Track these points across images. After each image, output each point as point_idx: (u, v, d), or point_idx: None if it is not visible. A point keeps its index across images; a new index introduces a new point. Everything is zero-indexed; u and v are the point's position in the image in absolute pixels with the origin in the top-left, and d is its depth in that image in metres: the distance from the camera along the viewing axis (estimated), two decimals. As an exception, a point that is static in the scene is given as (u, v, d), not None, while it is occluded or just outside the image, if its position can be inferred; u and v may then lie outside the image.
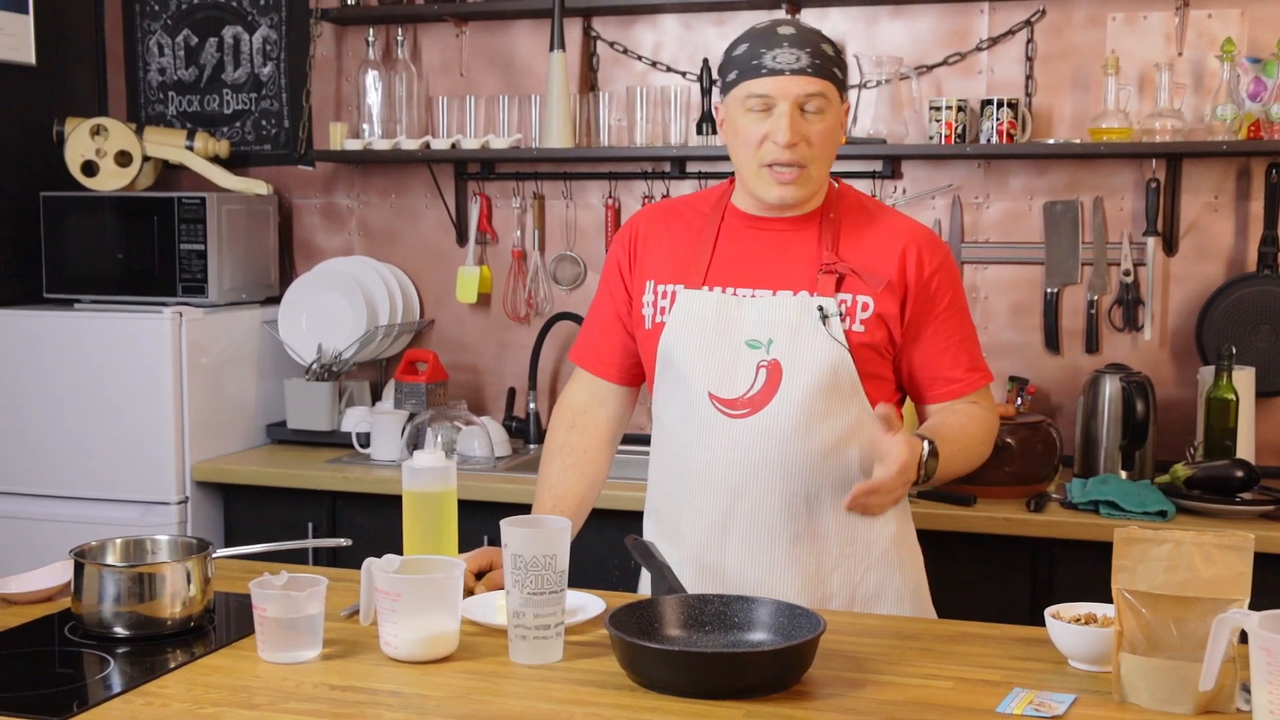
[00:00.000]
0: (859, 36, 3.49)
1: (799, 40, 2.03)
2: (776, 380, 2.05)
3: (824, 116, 2.04)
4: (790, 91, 2.01)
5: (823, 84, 2.03)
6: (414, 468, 2.05)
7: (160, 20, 4.05)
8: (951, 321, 2.11)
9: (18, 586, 2.09)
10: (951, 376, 2.12)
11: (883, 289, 2.05)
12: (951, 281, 2.12)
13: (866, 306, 2.06)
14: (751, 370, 2.06)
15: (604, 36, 3.69)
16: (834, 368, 2.04)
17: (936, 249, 2.12)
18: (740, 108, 2.05)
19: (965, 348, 2.13)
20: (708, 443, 2.08)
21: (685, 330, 2.10)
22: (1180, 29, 3.27)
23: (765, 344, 2.05)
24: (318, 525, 3.33)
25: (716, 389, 2.07)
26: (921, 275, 2.08)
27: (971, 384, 2.13)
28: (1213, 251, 3.31)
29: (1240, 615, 1.56)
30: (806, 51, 2.02)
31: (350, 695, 1.67)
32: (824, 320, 2.04)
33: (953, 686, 1.70)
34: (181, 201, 3.62)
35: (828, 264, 2.07)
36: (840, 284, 2.06)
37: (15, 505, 3.52)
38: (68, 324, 3.50)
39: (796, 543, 2.07)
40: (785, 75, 2.01)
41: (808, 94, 2.01)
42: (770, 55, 2.01)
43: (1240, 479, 2.88)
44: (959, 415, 2.11)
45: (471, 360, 3.88)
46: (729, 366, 2.07)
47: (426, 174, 3.84)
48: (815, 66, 2.02)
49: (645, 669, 1.68)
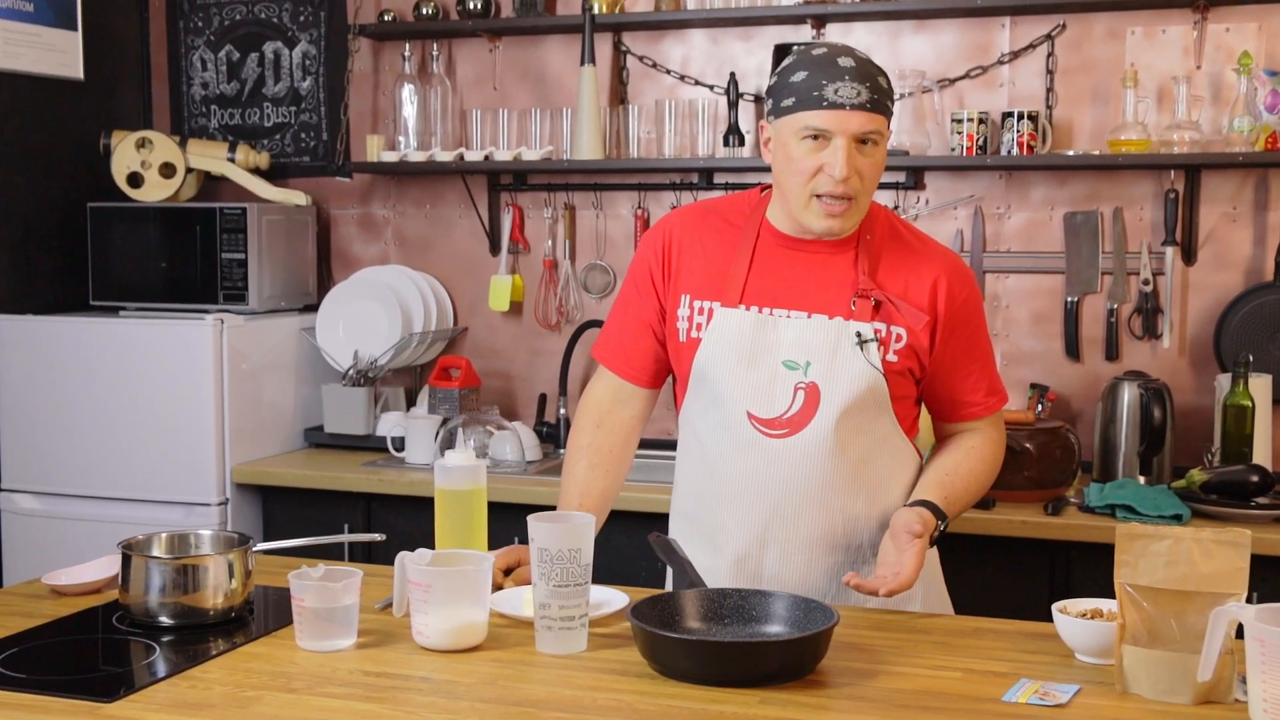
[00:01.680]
0: (883, 50, 3.55)
1: (859, 75, 2.01)
2: (815, 402, 2.09)
3: (877, 149, 2.04)
4: (849, 127, 2.00)
5: (880, 120, 2.03)
6: (446, 466, 2.14)
7: (204, 36, 4.16)
8: (975, 349, 2.18)
9: (67, 579, 2.18)
10: (970, 401, 2.20)
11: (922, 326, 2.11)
12: (977, 310, 2.19)
13: (900, 338, 2.10)
14: (789, 391, 2.10)
15: (633, 51, 3.77)
16: (871, 391, 2.09)
17: (966, 280, 2.16)
18: (794, 136, 2.03)
19: (985, 373, 2.20)
20: (746, 459, 2.12)
21: (722, 348, 2.13)
22: (1198, 42, 3.32)
23: (803, 366, 2.09)
24: (353, 526, 3.38)
25: (755, 409, 2.11)
26: (952, 306, 2.12)
27: (989, 408, 2.21)
28: (1231, 261, 3.35)
29: (1237, 608, 1.61)
30: (866, 86, 2.01)
31: (384, 681, 1.75)
32: (862, 346, 2.08)
33: (961, 677, 1.76)
34: (223, 212, 3.70)
35: (864, 289, 2.10)
36: (877, 310, 2.10)
37: (63, 506, 3.61)
38: (113, 331, 3.59)
39: (831, 553, 2.14)
40: (845, 110, 2.00)
41: (866, 130, 2.01)
42: (832, 88, 2.00)
43: (1255, 484, 2.91)
44: (970, 458, 2.19)
45: (503, 367, 3.96)
46: (766, 387, 2.11)
47: (460, 185, 3.93)
48: (874, 102, 2.01)
49: (665, 658, 1.75)
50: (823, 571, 2.14)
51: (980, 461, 2.20)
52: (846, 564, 2.14)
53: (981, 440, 2.22)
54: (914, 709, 1.65)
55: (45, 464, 3.62)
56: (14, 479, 3.66)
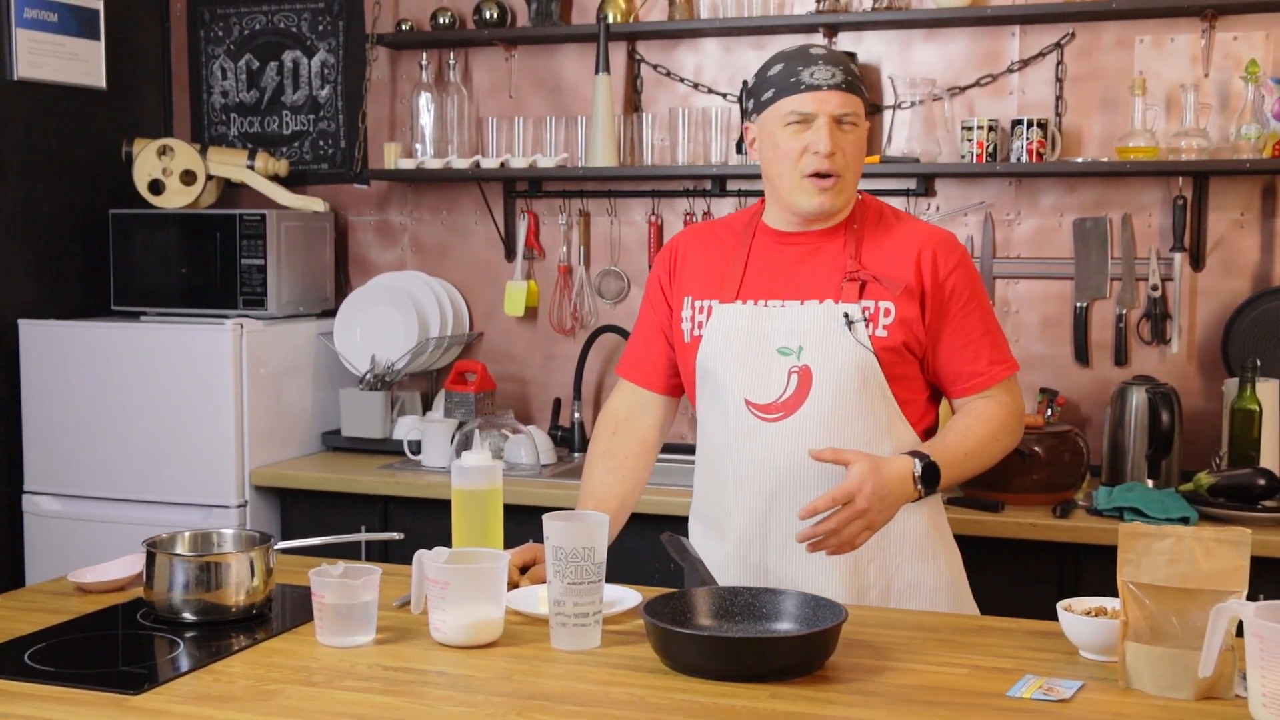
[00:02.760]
0: (894, 59, 3.59)
1: (831, 59, 2.16)
2: (807, 385, 2.15)
3: (856, 129, 2.17)
4: (829, 106, 2.13)
5: (855, 100, 2.16)
6: (462, 467, 2.18)
7: (224, 45, 4.22)
8: (970, 318, 2.19)
9: (93, 577, 2.22)
10: (973, 371, 2.19)
11: (901, 293, 2.14)
12: (969, 280, 2.20)
13: (889, 312, 2.15)
14: (784, 376, 2.16)
15: (647, 60, 3.81)
16: (861, 370, 2.13)
17: (952, 250, 2.20)
18: (779, 124, 2.15)
19: (986, 341, 2.20)
20: (746, 446, 2.18)
21: (720, 342, 2.21)
22: (1206, 51, 3.35)
23: (796, 350, 2.15)
24: (370, 528, 3.41)
25: (751, 395, 2.18)
26: (938, 276, 2.17)
27: (993, 377, 2.19)
28: (1238, 267, 3.38)
29: (1238, 605, 1.64)
30: (840, 69, 2.15)
31: (402, 675, 1.79)
32: (849, 326, 2.14)
33: (967, 673, 1.79)
34: (243, 218, 3.75)
35: (851, 272, 2.17)
36: (863, 290, 2.16)
37: (84, 508, 3.65)
38: (134, 335, 3.64)
39: None
40: (823, 90, 2.13)
41: (844, 110, 2.14)
42: (807, 72, 2.14)
43: (1263, 487, 2.94)
44: (968, 417, 2.18)
45: (519, 371, 4.00)
46: (762, 373, 2.17)
47: (476, 192, 3.97)
48: (848, 84, 2.15)
49: (677, 653, 1.79)
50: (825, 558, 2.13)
51: (980, 420, 2.16)
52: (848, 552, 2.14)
53: (986, 403, 2.19)
54: (920, 704, 1.68)
55: (67, 466, 3.67)
56: (36, 481, 3.71)
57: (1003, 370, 2.21)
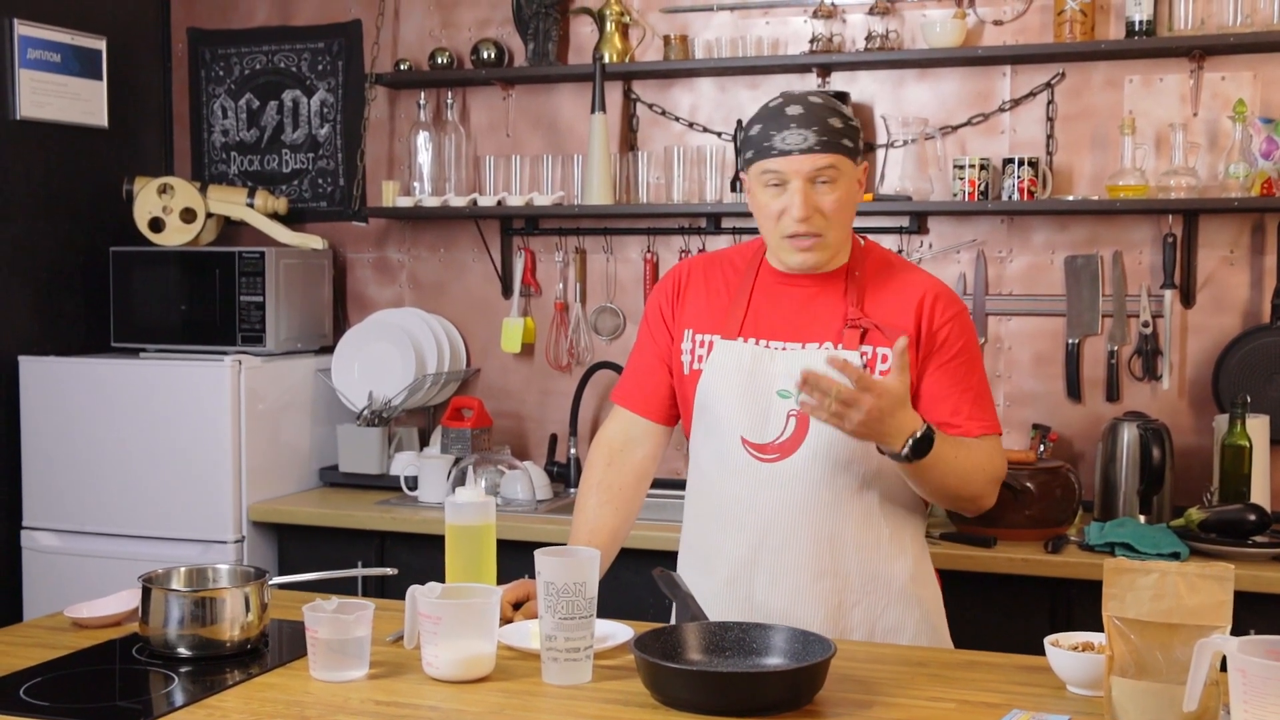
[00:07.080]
0: (886, 98, 3.64)
1: (805, 120, 2.13)
2: (804, 428, 2.17)
3: (835, 186, 2.14)
4: (801, 170, 2.12)
5: (832, 158, 2.13)
6: (456, 503, 2.19)
7: (224, 85, 4.26)
8: (958, 371, 2.19)
9: (89, 612, 2.23)
10: (951, 423, 2.16)
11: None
12: (962, 332, 2.21)
13: (886, 359, 2.16)
14: (782, 418, 2.18)
15: (643, 99, 3.85)
16: None
17: (952, 303, 2.22)
18: (758, 183, 2.18)
19: (968, 397, 2.18)
20: (739, 483, 2.20)
21: (720, 378, 2.23)
22: (1195, 90, 3.39)
23: (795, 394, 2.15)
24: (367, 563, 3.42)
25: (749, 434, 2.19)
26: (933, 324, 2.19)
27: (968, 431, 2.16)
28: (1228, 304, 3.41)
29: (1221, 640, 1.65)
30: (814, 130, 2.12)
31: (394, 710, 1.80)
32: None
33: (955, 708, 1.80)
34: (242, 256, 3.78)
35: (853, 319, 2.19)
36: (864, 338, 2.18)
37: (83, 543, 3.67)
38: (133, 371, 3.66)
39: (820, 579, 2.18)
40: (794, 155, 2.12)
41: (817, 169, 2.13)
42: (780, 137, 2.13)
43: (1253, 522, 2.95)
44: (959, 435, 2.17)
45: (515, 407, 4.02)
46: (761, 414, 2.19)
47: (474, 229, 4.01)
48: (823, 143, 2.12)
49: (667, 688, 1.80)
50: (811, 597, 2.17)
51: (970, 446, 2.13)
52: (835, 590, 2.17)
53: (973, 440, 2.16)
54: (907, 738, 1.69)
55: (66, 501, 3.68)
56: (35, 516, 3.73)
57: (978, 427, 2.17)
